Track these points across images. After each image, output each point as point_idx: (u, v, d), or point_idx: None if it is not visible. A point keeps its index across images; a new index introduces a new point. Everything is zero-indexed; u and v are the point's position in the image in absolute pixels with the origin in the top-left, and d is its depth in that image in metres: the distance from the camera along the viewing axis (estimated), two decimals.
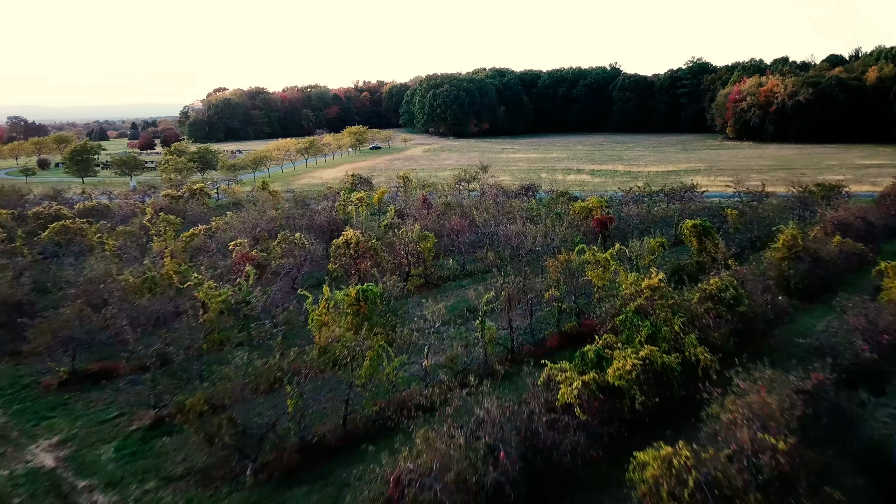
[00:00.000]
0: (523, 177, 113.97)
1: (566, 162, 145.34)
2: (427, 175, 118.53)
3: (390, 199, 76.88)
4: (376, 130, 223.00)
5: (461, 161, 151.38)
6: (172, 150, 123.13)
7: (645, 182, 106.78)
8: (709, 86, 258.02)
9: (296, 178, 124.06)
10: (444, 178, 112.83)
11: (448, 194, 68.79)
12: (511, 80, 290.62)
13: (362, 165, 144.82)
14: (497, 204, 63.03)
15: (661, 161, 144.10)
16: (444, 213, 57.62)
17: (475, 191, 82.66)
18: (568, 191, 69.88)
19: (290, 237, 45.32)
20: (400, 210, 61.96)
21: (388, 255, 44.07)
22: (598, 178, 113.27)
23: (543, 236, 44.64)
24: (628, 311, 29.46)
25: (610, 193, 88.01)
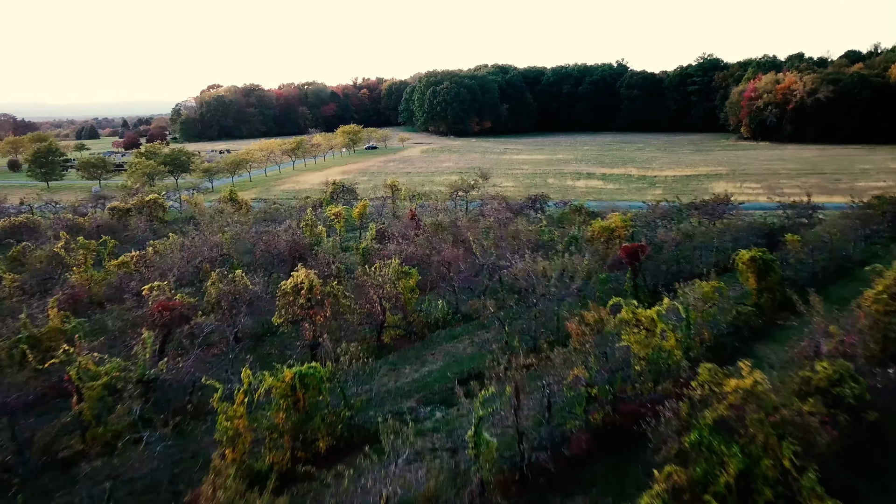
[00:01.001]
0: (528, 182, 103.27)
1: (574, 165, 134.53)
2: (422, 180, 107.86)
3: (375, 213, 66.39)
4: (372, 129, 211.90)
5: (460, 163, 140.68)
6: (143, 151, 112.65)
7: (663, 188, 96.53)
8: (720, 83, 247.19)
9: (278, 182, 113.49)
10: (441, 184, 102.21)
11: (441, 209, 58.25)
12: (514, 76, 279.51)
13: (353, 168, 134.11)
14: (499, 222, 52.35)
15: (677, 163, 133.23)
16: (436, 233, 46.98)
17: (475, 201, 71.99)
18: (582, 203, 59.15)
19: (227, 275, 34.66)
20: (382, 230, 51.34)
21: (356, 301, 33.41)
22: (611, 183, 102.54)
23: (560, 274, 33.92)
24: (703, 425, 18.85)
25: (629, 205, 77.34)
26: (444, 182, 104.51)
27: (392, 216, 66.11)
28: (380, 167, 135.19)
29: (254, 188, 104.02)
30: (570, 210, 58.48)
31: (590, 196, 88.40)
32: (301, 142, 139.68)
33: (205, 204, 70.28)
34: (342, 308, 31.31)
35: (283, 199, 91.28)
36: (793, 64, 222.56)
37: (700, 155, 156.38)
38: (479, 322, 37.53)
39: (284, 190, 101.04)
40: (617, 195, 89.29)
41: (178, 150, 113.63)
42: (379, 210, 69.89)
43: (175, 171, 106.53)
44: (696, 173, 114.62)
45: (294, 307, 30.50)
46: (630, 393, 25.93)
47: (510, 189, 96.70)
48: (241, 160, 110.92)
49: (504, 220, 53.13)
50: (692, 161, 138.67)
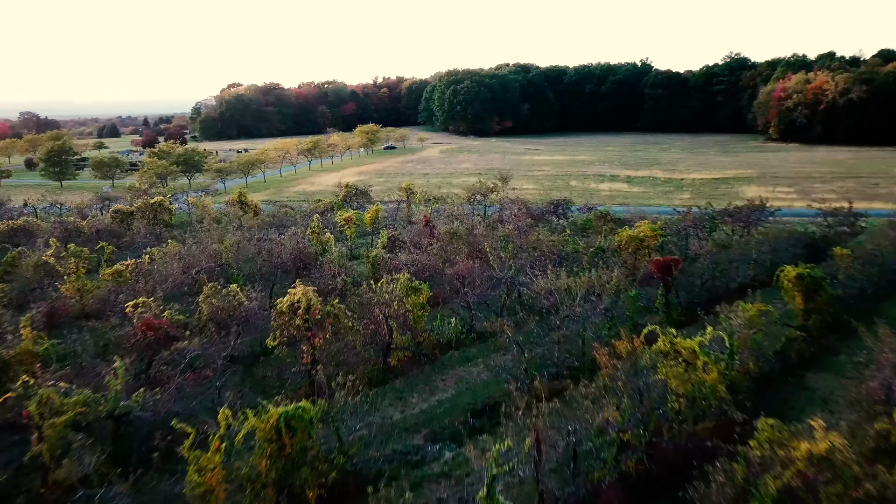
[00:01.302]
0: (550, 185, 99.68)
1: (597, 166, 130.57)
2: (439, 182, 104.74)
3: (389, 217, 63.40)
4: (391, 129, 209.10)
5: (479, 164, 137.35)
6: (157, 151, 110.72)
7: (691, 192, 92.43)
8: (748, 83, 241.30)
9: (293, 183, 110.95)
10: (459, 186, 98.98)
11: (458, 215, 54.98)
12: (536, 75, 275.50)
13: (370, 169, 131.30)
14: (519, 230, 49.03)
15: (703, 166, 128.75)
16: (450, 242, 43.79)
17: (493, 205, 68.67)
18: (608, 210, 55.58)
19: (222, 289, 31.77)
20: (394, 237, 48.24)
21: (361, 319, 30.32)
22: (636, 186, 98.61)
23: (585, 292, 30.60)
24: (765, 495, 15.49)
25: (656, 210, 73.64)
26: (462, 184, 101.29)
27: (406, 221, 63.04)
28: (397, 168, 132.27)
29: (267, 189, 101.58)
30: (595, 217, 54.97)
31: (614, 200, 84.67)
32: (317, 142, 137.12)
33: (213, 206, 67.70)
34: (343, 329, 28.23)
35: (296, 200, 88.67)
36: (824, 63, 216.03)
37: (727, 157, 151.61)
38: (495, 342, 34.33)
39: (298, 191, 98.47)
40: (643, 199, 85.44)
41: (191, 150, 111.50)
42: (393, 214, 66.91)
43: (188, 171, 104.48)
44: (724, 176, 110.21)
45: (290, 328, 27.48)
46: (667, 435, 22.58)
47: (530, 192, 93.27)
48: (255, 160, 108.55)
49: (524, 227, 49.78)
50: (719, 163, 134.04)
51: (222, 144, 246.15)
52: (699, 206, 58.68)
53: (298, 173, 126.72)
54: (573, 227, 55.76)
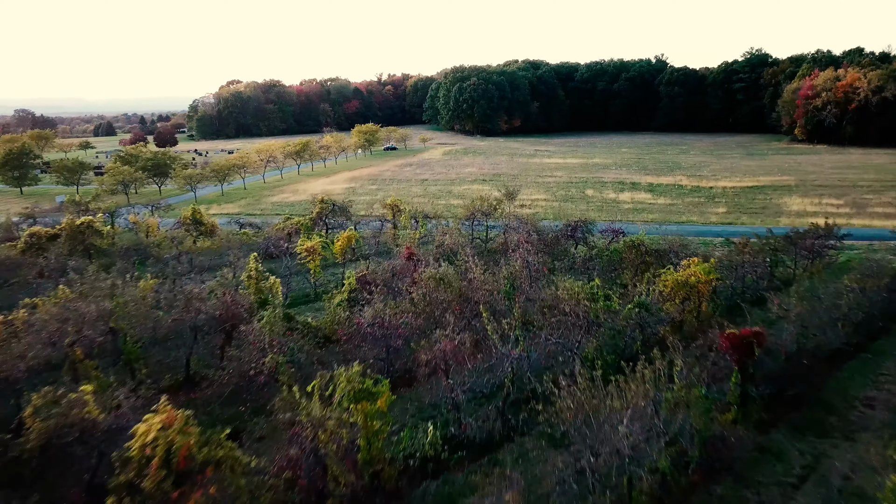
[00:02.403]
0: (563, 195, 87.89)
1: (614, 171, 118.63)
2: (438, 190, 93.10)
3: (371, 240, 51.89)
4: (392, 129, 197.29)
5: (484, 168, 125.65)
6: (124, 154, 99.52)
7: (726, 204, 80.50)
8: (770, 80, 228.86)
9: (275, 191, 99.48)
10: (460, 195, 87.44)
11: (450, 245, 43.24)
12: (546, 72, 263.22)
13: (363, 174, 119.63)
14: (529, 267, 37.45)
15: (731, 171, 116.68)
16: (435, 289, 32.26)
17: (497, 225, 57.09)
18: (642, 238, 43.85)
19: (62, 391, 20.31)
20: (364, 278, 36.74)
21: (275, 449, 18.86)
22: (661, 196, 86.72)
23: (635, 410, 19.06)
24: None
25: (692, 230, 61.98)
26: (463, 193, 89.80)
27: (392, 244, 51.46)
28: (394, 173, 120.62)
29: (243, 199, 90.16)
30: (626, 247, 43.27)
31: (639, 215, 72.95)
32: (307, 144, 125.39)
33: (161, 225, 56.42)
34: (235, 485, 16.80)
35: (271, 214, 77.36)
36: (852, 59, 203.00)
37: (754, 160, 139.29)
38: (494, 459, 23.01)
39: (278, 202, 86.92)
40: (672, 214, 73.61)
41: (160, 154, 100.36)
42: (377, 234, 55.45)
43: (157, 177, 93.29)
44: (758, 184, 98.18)
45: (141, 491, 16.03)
46: None
47: (541, 203, 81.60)
48: (233, 165, 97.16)
49: (535, 264, 38.16)
50: (748, 168, 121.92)
51: (217, 144, 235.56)
52: (757, 237, 46.63)
53: (285, 179, 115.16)
54: (598, 259, 44.06)
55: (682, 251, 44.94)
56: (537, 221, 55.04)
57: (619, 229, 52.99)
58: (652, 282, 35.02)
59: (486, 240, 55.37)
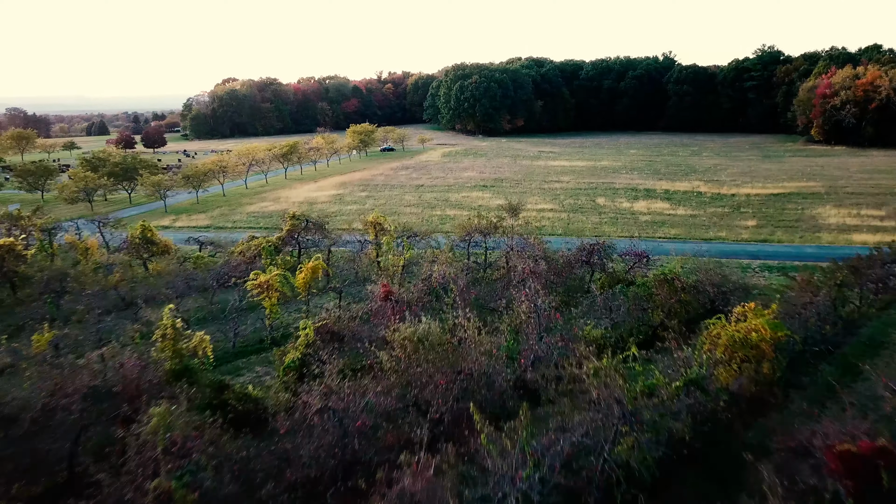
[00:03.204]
0: (572, 204, 79.38)
1: (625, 175, 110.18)
2: (434, 199, 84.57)
3: (344, 269, 43.55)
4: (389, 128, 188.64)
5: (485, 171, 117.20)
6: (91, 158, 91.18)
7: (754, 215, 71.98)
8: (783, 78, 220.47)
9: (255, 198, 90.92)
10: (457, 204, 79.09)
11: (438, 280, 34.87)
12: (550, 70, 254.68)
13: (355, 178, 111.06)
14: (538, 315, 29.05)
15: (751, 175, 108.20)
16: (414, 352, 23.92)
17: (499, 243, 48.68)
18: (676, 271, 35.45)
19: None
20: (326, 327, 28.45)
21: None
22: (680, 206, 78.24)
23: None
24: None
25: (726, 250, 53.46)
26: (461, 202, 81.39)
27: (372, 271, 43.02)
28: (387, 177, 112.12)
29: (217, 209, 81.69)
30: (656, 282, 34.87)
31: (658, 228, 64.54)
32: (295, 146, 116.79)
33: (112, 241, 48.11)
34: None
35: (246, 226, 69.08)
36: (870, 56, 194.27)
37: (772, 163, 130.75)
38: None
39: (254, 212, 78.40)
40: (695, 228, 65.13)
41: (130, 157, 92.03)
42: (355, 257, 47.12)
43: (125, 183, 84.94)
44: (783, 190, 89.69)
45: None
46: None
47: (548, 214, 73.19)
48: (209, 170, 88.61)
49: (546, 309, 29.76)
50: (768, 172, 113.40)
51: (211, 144, 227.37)
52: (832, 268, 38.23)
53: (270, 183, 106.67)
54: (622, 295, 35.67)
55: (723, 284, 36.71)
56: (544, 241, 46.61)
57: (642, 252, 44.65)
58: (703, 346, 26.57)
59: (484, 265, 46.99)
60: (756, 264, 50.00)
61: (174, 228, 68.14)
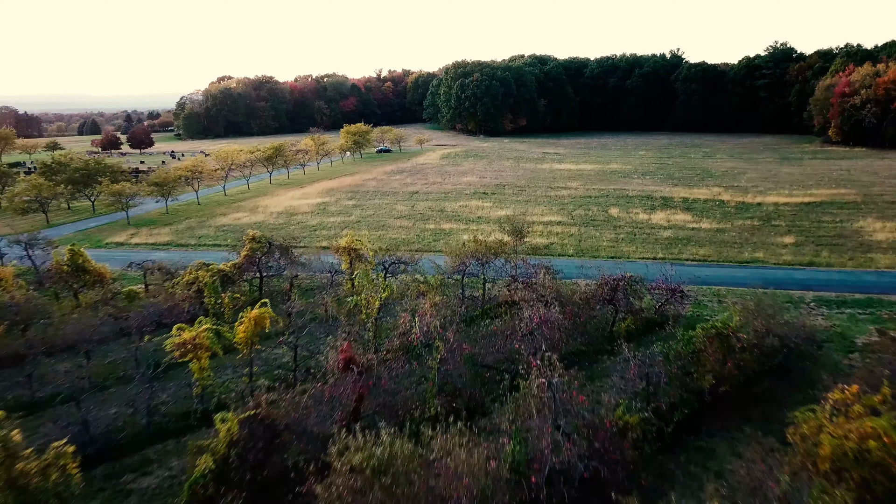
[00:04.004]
0: (582, 216, 70.87)
1: (637, 181, 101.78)
2: (427, 209, 76.05)
3: (306, 313, 35.16)
4: (386, 129, 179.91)
5: (486, 176, 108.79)
6: (52, 162, 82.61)
7: (790, 230, 63.47)
8: (796, 76, 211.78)
9: (232, 207, 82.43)
10: (452, 217, 70.69)
11: (418, 337, 26.72)
12: (554, 68, 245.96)
13: (344, 183, 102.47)
14: (555, 397, 20.68)
15: (774, 181, 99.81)
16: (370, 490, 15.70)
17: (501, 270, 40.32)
18: (726, 322, 27.09)
19: None
20: (258, 417, 20.21)
21: None
22: (704, 218, 69.78)
23: None
24: None
25: (773, 277, 44.85)
26: (458, 213, 73.03)
27: (341, 312, 34.67)
28: (379, 182, 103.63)
29: (186, 220, 73.27)
30: (706, 338, 26.49)
31: (683, 246, 56.03)
32: (280, 148, 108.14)
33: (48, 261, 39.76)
34: None
35: (211, 243, 60.74)
36: (890, 52, 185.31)
37: (792, 166, 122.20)
38: None
39: (226, 224, 69.82)
40: (725, 246, 56.56)
41: (92, 162, 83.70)
42: (323, 292, 38.74)
43: (87, 190, 76.50)
44: (814, 199, 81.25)
45: None
46: None
47: (556, 229, 64.73)
48: (179, 176, 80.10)
49: (564, 387, 21.44)
50: (790, 176, 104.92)
51: (204, 144, 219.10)
52: None
53: (252, 189, 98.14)
54: (661, 355, 27.35)
55: (788, 335, 28.39)
56: (555, 271, 38.27)
57: (676, 286, 36.30)
58: (756, 404, 18.37)
59: (482, 301, 38.62)
60: (809, 297, 41.54)
61: (129, 246, 59.92)
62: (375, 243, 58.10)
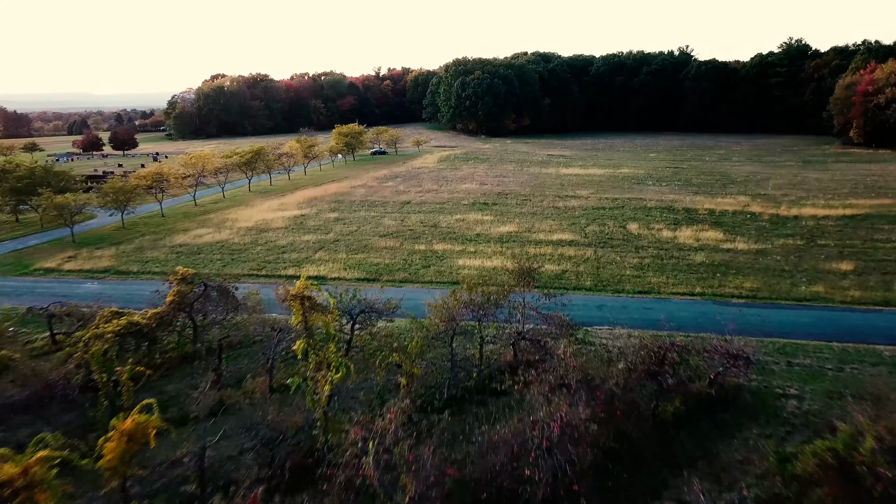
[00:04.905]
0: (598, 234, 61.23)
1: (653, 187, 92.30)
2: (419, 222, 66.49)
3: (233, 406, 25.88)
4: (383, 129, 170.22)
5: (487, 182, 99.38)
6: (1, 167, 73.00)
7: (842, 253, 54.00)
8: (812, 74, 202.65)
9: (198, 220, 72.50)
10: (446, 234, 61.25)
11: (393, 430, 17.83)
12: (558, 65, 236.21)
13: (331, 190, 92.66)
14: None
15: (802, 188, 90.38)
16: None
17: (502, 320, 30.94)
18: (852, 445, 18.05)
19: None
20: None
21: None
22: (737, 235, 60.23)
23: None
24: None
25: (847, 326, 35.18)
26: (453, 227, 63.51)
27: (275, 406, 25.14)
28: (369, 189, 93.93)
29: (141, 237, 63.78)
30: (820, 463, 17.21)
31: (723, 277, 46.43)
32: (259, 152, 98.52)
33: None
34: None
35: (157, 271, 51.11)
36: None
37: (817, 171, 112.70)
38: None
39: (180, 245, 59.04)
40: (775, 276, 46.88)
41: (41, 168, 74.21)
42: (264, 358, 29.29)
43: (31, 201, 67.00)
44: (857, 211, 71.79)
45: None
46: None
47: (568, 251, 55.13)
48: (137, 185, 70.37)
49: None
50: (820, 183, 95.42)
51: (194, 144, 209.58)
52: None
53: (228, 198, 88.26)
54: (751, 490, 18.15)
55: None
56: (575, 326, 28.92)
57: (739, 352, 26.92)
58: None
59: (480, 365, 29.21)
60: None
61: (59, 273, 50.39)
62: (352, 270, 48.83)
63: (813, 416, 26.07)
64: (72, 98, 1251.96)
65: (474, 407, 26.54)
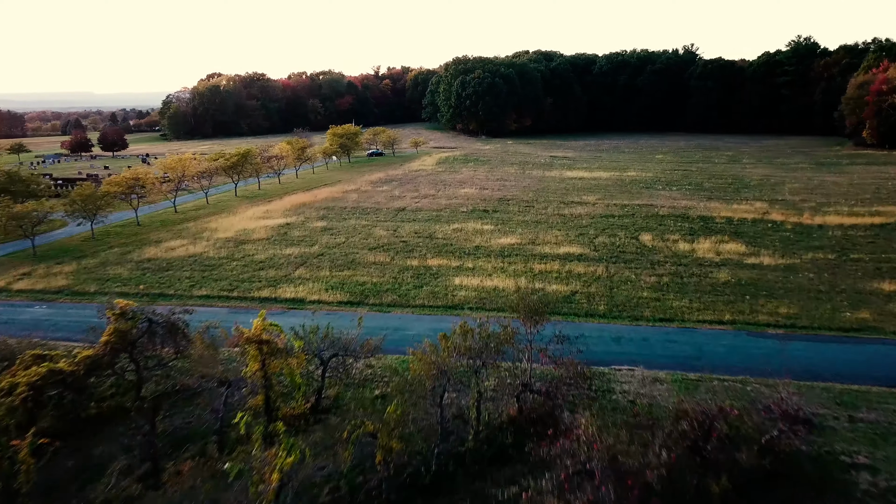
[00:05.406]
0: (608, 246, 55.88)
1: (663, 192, 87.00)
2: (414, 232, 61.16)
3: None
4: (380, 129, 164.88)
5: (487, 185, 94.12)
6: None
7: (878, 271, 48.95)
8: (821, 73, 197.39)
9: (174, 229, 67.01)
10: (442, 247, 55.95)
11: None
12: (560, 64, 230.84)
13: (321, 196, 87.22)
14: None
15: (821, 193, 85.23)
16: None
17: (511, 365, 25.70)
18: None
19: None
20: None
21: None
22: (763, 249, 54.93)
23: None
24: None
25: None
26: (450, 238, 58.13)
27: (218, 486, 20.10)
28: (362, 195, 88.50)
29: (109, 250, 58.43)
30: None
31: (753, 298, 41.10)
32: (246, 155, 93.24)
33: None
34: None
35: (120, 291, 45.84)
36: None
37: (832, 174, 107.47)
38: None
39: (147, 261, 53.30)
40: (812, 300, 41.47)
41: (4, 174, 69.14)
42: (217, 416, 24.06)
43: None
44: (886, 220, 66.65)
45: None
46: None
47: (577, 268, 49.71)
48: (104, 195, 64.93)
49: None
50: (838, 188, 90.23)
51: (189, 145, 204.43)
52: None
53: (212, 203, 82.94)
54: None
55: None
56: (595, 393, 23.68)
57: (797, 411, 21.69)
58: None
59: (476, 426, 23.92)
60: None
61: (7, 293, 45.10)
62: (334, 292, 43.51)
63: (893, 495, 20.84)
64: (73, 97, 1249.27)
65: (470, 481, 21.31)
